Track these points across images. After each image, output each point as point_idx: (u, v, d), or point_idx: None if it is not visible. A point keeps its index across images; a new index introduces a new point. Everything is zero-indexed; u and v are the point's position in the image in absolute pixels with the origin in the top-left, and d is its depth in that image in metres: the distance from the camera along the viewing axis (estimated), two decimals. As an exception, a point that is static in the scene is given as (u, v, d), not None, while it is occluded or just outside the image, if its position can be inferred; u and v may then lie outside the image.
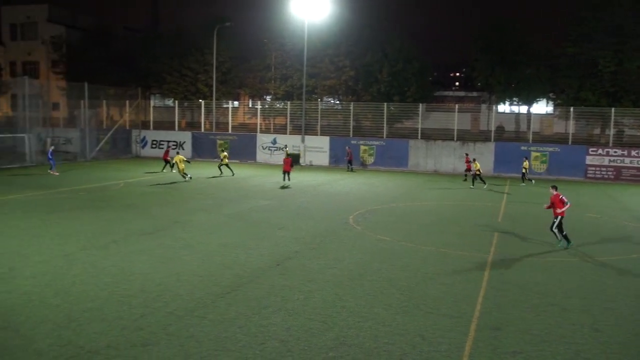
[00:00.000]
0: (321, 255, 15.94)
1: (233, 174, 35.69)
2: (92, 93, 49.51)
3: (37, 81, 61.76)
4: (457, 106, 44.90)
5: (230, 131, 49.22)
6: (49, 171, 33.70)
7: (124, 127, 53.19)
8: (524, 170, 35.57)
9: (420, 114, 44.09)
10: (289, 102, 49.18)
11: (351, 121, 45.69)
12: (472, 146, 41.45)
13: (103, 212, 21.87)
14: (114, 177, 33.97)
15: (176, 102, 55.41)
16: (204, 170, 37.57)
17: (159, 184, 30.80)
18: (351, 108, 45.98)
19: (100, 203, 24.20)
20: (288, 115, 48.36)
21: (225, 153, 37.59)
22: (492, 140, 42.31)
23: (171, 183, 31.34)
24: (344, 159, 42.01)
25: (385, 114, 44.33)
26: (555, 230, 17.49)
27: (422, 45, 52.59)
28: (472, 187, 32.04)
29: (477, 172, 32.78)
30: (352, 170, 40.86)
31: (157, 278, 13.26)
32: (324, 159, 44.53)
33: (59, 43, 68.73)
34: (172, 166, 36.27)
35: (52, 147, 35.32)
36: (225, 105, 55.32)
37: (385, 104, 44.98)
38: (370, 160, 43.56)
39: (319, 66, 51.57)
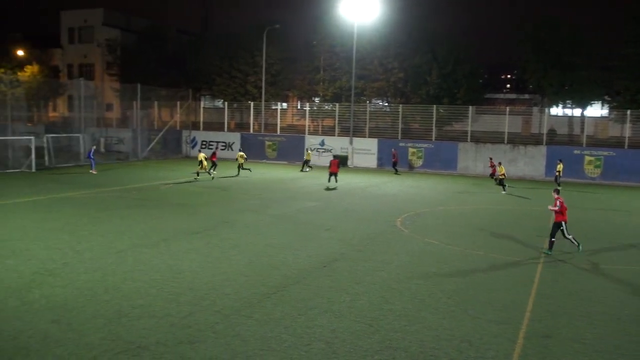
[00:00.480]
0: (368, 257, 15.88)
1: (237, 175, 36.12)
2: (144, 94, 50.61)
3: (92, 83, 63.47)
4: (507, 109, 44.11)
5: (278, 132, 49.54)
6: (90, 171, 34.50)
7: (175, 127, 54.12)
8: (557, 173, 34.62)
9: (470, 117, 43.50)
10: (337, 104, 49.17)
11: (399, 123, 45.41)
12: (523, 149, 40.67)
13: (153, 211, 22.30)
14: (164, 176, 34.61)
15: (226, 103, 56.09)
16: (252, 172, 37.88)
17: (207, 184, 31.21)
18: (400, 110, 45.69)
19: (150, 202, 24.69)
20: (336, 117, 48.37)
21: (242, 153, 38.04)
22: (544, 143, 41.42)
23: (220, 183, 31.74)
24: (390, 161, 41.72)
25: (434, 117, 43.90)
26: (570, 237, 16.92)
27: (473, 46, 51.56)
28: (504, 192, 31.10)
29: (501, 176, 32.05)
30: (397, 172, 40.56)
31: (205, 277, 13.43)
32: (371, 161, 44.38)
33: (113, 46, 70.48)
34: (214, 167, 36.81)
35: (94, 147, 35.97)
36: (274, 107, 55.71)
37: (435, 106, 44.53)
38: (419, 162, 43.20)
39: (368, 68, 51.43)
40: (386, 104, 56.13)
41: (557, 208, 16.78)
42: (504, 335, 10.36)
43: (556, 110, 55.92)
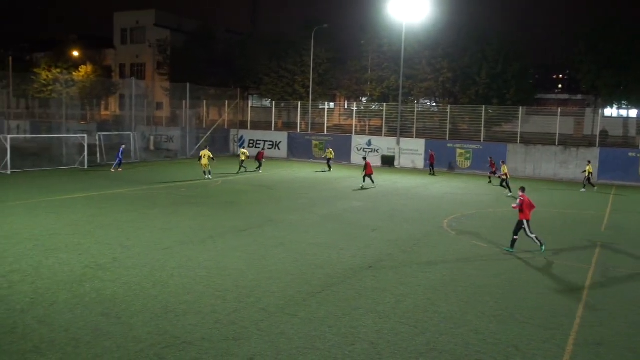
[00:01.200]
0: (414, 258, 15.75)
1: (237, 173, 36.27)
2: (194, 93, 51.38)
3: (143, 82, 64.78)
4: (559, 109, 43.13)
5: (325, 132, 49.60)
6: (111, 170, 34.79)
7: (223, 126, 54.74)
8: (587, 175, 33.50)
9: (519, 118, 42.68)
10: (384, 104, 48.93)
11: (448, 124, 44.89)
12: (575, 152, 39.69)
13: (201, 208, 22.60)
14: (212, 174, 35.00)
15: (273, 102, 56.47)
16: (298, 171, 38.05)
17: (254, 183, 31.47)
18: (448, 110, 45.18)
19: (198, 199, 25.03)
20: (384, 117, 48.13)
21: (245, 150, 38.50)
22: (597, 145, 40.33)
23: (266, 181, 31.97)
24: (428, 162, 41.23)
25: (483, 117, 43.24)
26: (532, 236, 16.71)
27: (523, 46, 50.54)
28: (509, 194, 29.94)
29: (503, 176, 31.14)
30: (433, 173, 39.82)
31: (250, 274, 13.54)
32: (418, 161, 43.99)
33: (164, 46, 71.80)
34: (260, 166, 37.14)
35: (123, 146, 36.25)
36: (321, 107, 55.80)
37: (484, 106, 43.85)
38: (467, 164, 42.64)
39: (416, 68, 51.01)
40: (434, 104, 55.59)
41: (515, 205, 16.86)
42: (553, 342, 10.12)
43: (611, 111, 54.40)
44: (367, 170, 31.14)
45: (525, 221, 16.65)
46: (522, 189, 17.31)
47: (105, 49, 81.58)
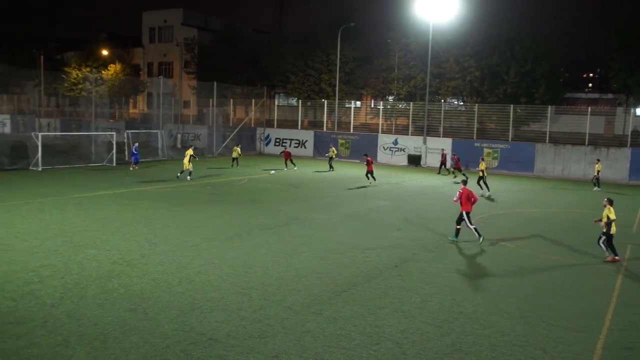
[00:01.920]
0: (440, 258, 15.66)
1: (230, 167, 37.38)
2: (220, 92, 51.72)
3: (170, 81, 65.49)
4: (589, 109, 42.46)
5: (351, 131, 49.53)
6: (131, 168, 34.81)
7: (249, 125, 54.98)
8: (596, 174, 32.86)
9: (548, 117, 42.14)
10: (411, 103, 48.68)
11: (475, 123, 44.49)
12: (605, 152, 39.06)
13: (227, 206, 22.74)
14: (238, 172, 35.22)
15: (300, 101, 56.56)
16: (324, 169, 38.06)
17: (280, 182, 31.55)
18: (475, 109, 44.79)
19: (224, 197, 25.19)
20: (410, 116, 47.87)
21: (238, 149, 39.05)
22: (628, 145, 39.63)
23: (292, 180, 32.03)
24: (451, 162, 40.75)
25: (511, 117, 42.77)
26: (472, 227, 17.42)
27: (553, 44, 49.77)
28: (488, 193, 29.05)
29: (481, 174, 29.41)
30: (451, 172, 39.18)
31: (276, 272, 13.58)
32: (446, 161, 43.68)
33: (191, 45, 72.36)
34: (292, 163, 37.25)
35: (137, 144, 36.20)
36: (347, 105, 55.75)
37: (512, 105, 43.34)
38: (494, 163, 42.24)
39: (443, 66, 50.67)
40: (461, 103, 55.17)
41: (456, 199, 17.71)
42: (581, 345, 9.98)
43: (643, 111, 53.39)
44: (368, 168, 31.17)
45: (464, 213, 17.41)
46: (464, 182, 18.36)
47: (133, 47, 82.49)
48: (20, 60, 66.57)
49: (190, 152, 31.31)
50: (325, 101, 53.35)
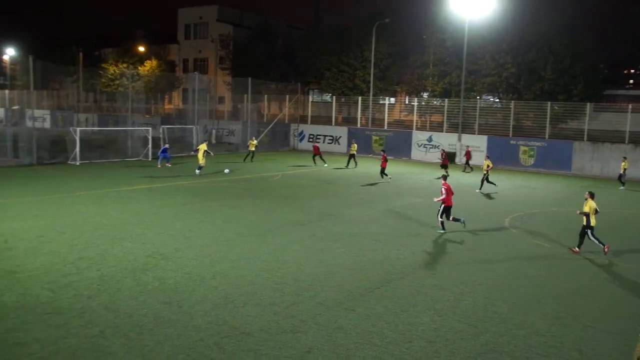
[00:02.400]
0: (475, 256, 15.50)
1: (244, 161, 37.76)
2: (255, 88, 51.99)
3: (205, 77, 65.97)
4: (630, 106, 41.51)
5: (385, 127, 49.32)
6: (159, 165, 34.25)
7: (283, 121, 55.16)
8: (622, 172, 31.98)
9: (587, 114, 41.32)
10: (446, 100, 48.23)
11: (511, 120, 43.89)
12: (646, 150, 38.14)
13: (261, 202, 22.86)
14: (272, 168, 35.39)
15: (334, 97, 56.52)
16: (357, 166, 37.97)
17: (313, 178, 31.59)
18: (511, 107, 44.18)
19: (258, 193, 25.33)
20: (445, 112, 47.47)
21: (255, 142, 39.20)
22: (670, 144, 38.63)
23: (326, 176, 32.05)
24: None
25: (548, 114, 42.08)
26: (447, 218, 18.31)
27: (592, 40, 48.70)
28: (478, 190, 28.69)
29: (485, 172, 28.87)
30: (470, 170, 38.52)
31: (309, 268, 13.61)
32: (480, 158, 43.15)
33: (226, 41, 72.82)
34: (322, 159, 37.24)
35: (167, 145, 35.23)
36: (381, 102, 55.48)
37: (549, 103, 42.65)
38: (530, 161, 41.64)
39: (479, 63, 50.00)
40: (497, 100, 54.46)
41: (443, 196, 18.16)
42: (619, 347, 9.78)
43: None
44: (382, 164, 30.97)
45: (444, 207, 18.23)
46: (445, 177, 19.27)
47: (169, 44, 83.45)
48: (60, 57, 67.94)
49: (204, 146, 31.33)
50: (360, 97, 53.18)
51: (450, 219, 18.43)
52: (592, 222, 16.22)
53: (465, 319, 10.78)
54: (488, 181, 28.81)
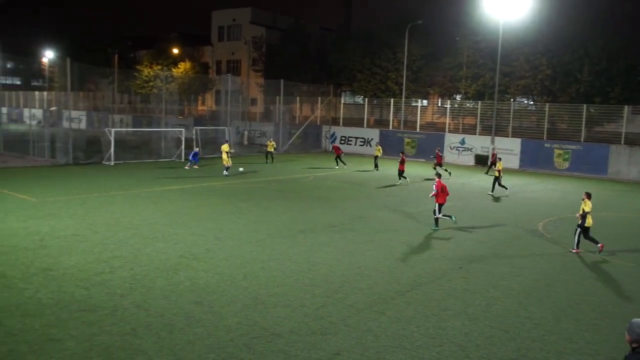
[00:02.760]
0: (506, 261, 15.32)
1: (266, 162, 37.76)
2: (287, 89, 52.18)
3: (238, 78, 66.50)
4: (669, 108, 40.57)
5: (417, 130, 49.05)
6: (186, 167, 34.48)
7: (315, 122, 55.24)
8: None
9: (624, 117, 40.51)
10: (479, 102, 47.79)
11: (545, 123, 43.28)
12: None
13: (292, 203, 22.92)
14: (303, 170, 35.47)
15: (366, 99, 56.42)
16: (389, 168, 37.83)
17: (345, 179, 31.56)
18: (546, 109, 43.58)
19: (290, 194, 25.40)
20: (478, 115, 47.02)
21: (273, 143, 39.43)
22: None
23: (357, 178, 32.00)
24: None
25: (584, 117, 41.38)
26: (439, 215, 19.09)
27: (630, 40, 47.56)
28: (491, 194, 28.11)
29: (497, 174, 28.19)
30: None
31: (339, 270, 13.60)
32: (514, 161, 42.67)
33: (259, 43, 73.28)
34: (342, 162, 37.16)
35: (197, 149, 36.03)
36: (414, 104, 55.21)
37: (585, 105, 41.93)
38: (565, 165, 40.99)
39: (513, 65, 49.38)
40: (531, 103, 53.73)
41: (434, 192, 19.08)
42: (656, 355, 9.54)
43: None
44: (400, 167, 30.39)
45: (437, 204, 19.07)
46: (438, 176, 19.70)
47: (203, 46, 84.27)
48: (96, 59, 69.10)
49: (226, 147, 31.79)
50: (392, 99, 52.99)
51: (441, 215, 19.09)
52: (588, 222, 16.42)
53: (496, 324, 10.65)
54: (500, 184, 28.15)
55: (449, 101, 53.27)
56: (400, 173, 30.49)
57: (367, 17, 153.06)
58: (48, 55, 75.48)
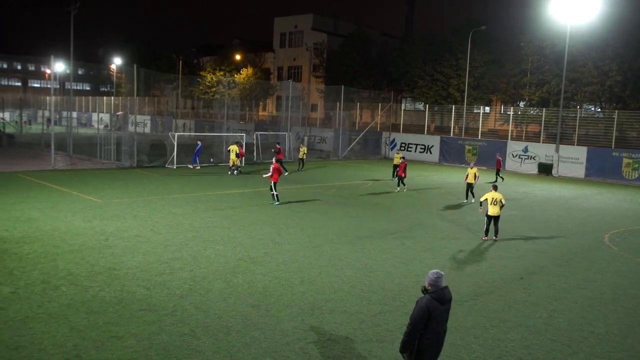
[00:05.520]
0: (570, 273, 14.84)
1: (297, 170, 36.78)
2: (347, 95, 52.23)
3: (299, 84, 67.03)
4: None
5: (479, 137, 48.23)
6: (190, 166, 35.04)
7: (375, 129, 55.06)
8: None
9: (700, 126, 38.81)
10: (544, 109, 46.63)
11: (614, 131, 41.82)
12: None
13: (350, 209, 22.88)
14: (362, 176, 35.38)
15: (427, 106, 55.89)
16: (449, 176, 37.34)
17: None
18: (615, 116, 42.12)
19: (348, 200, 25.36)
20: (542, 122, 45.86)
21: (304, 149, 38.68)
22: None
23: (416, 185, 31.68)
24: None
25: (656, 125, 39.84)
26: (274, 192, 23.21)
27: None
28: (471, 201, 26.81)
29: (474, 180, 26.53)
30: (502, 179, 35.95)
31: (396, 277, 13.48)
32: (579, 170, 41.42)
33: (320, 49, 73.80)
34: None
35: (200, 143, 36.44)
36: (476, 111, 54.38)
37: (657, 113, 40.36)
38: (634, 174, 39.49)
39: (580, 70, 47.98)
40: (599, 110, 52.08)
41: (269, 174, 23.15)
42: None
43: None
44: (399, 172, 29.28)
45: (273, 182, 23.15)
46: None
47: (265, 52, 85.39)
48: (161, 65, 70.99)
49: (234, 148, 32.76)
50: (453, 106, 52.32)
51: (272, 192, 23.25)
52: (491, 211, 18.01)
53: (558, 338, 10.32)
54: (472, 192, 26.86)
55: (512, 108, 52.22)
56: (401, 179, 29.17)
57: (430, 24, 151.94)
58: (116, 62, 78.03)
